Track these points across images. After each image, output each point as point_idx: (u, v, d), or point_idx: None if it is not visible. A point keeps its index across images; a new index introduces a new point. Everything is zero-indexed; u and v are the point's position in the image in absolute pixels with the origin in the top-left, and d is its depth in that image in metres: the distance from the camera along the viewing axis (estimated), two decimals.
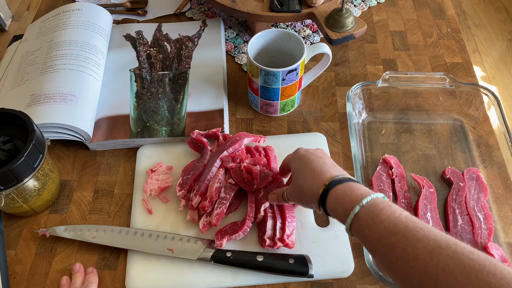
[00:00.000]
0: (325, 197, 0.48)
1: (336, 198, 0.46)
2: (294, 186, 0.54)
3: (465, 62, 0.84)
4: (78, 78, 0.73)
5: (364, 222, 0.43)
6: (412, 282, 0.38)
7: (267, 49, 0.74)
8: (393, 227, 0.41)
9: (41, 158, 0.59)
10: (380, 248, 0.41)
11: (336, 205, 0.46)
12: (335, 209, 0.46)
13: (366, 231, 0.43)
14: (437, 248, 0.38)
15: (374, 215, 0.43)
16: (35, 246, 0.63)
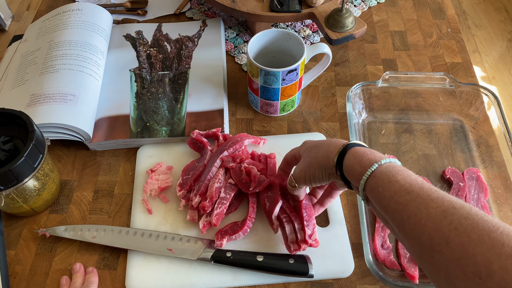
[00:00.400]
0: (343, 157, 0.48)
1: (355, 156, 0.47)
2: (306, 159, 0.54)
3: (465, 62, 0.84)
4: (78, 78, 0.73)
5: (380, 180, 0.43)
6: (422, 240, 0.38)
7: (267, 49, 0.74)
8: (408, 187, 0.41)
9: (41, 158, 0.59)
10: (393, 206, 0.42)
11: (354, 162, 0.46)
12: (352, 167, 0.46)
13: (381, 188, 0.43)
14: (451, 208, 0.38)
15: (390, 174, 0.43)
16: (35, 246, 0.63)
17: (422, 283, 0.57)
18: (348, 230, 0.63)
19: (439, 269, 0.37)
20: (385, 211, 0.43)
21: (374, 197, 0.44)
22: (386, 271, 0.59)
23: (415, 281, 0.57)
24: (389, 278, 0.56)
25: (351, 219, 0.64)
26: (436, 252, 0.37)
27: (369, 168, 0.45)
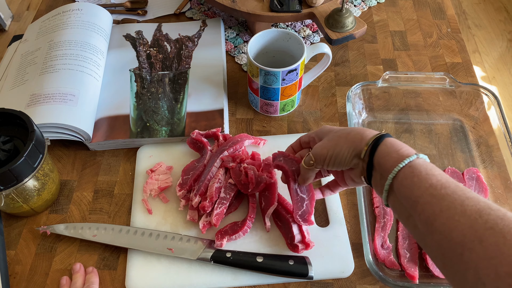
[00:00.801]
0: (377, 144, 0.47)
1: (393, 144, 0.47)
2: (333, 137, 0.52)
3: (465, 62, 0.84)
4: (78, 78, 0.73)
5: (417, 171, 0.43)
6: (453, 236, 0.38)
7: (267, 49, 0.74)
8: (445, 182, 0.41)
9: (41, 158, 0.59)
10: (427, 198, 0.41)
11: (391, 150, 0.46)
12: (388, 153, 0.46)
13: (416, 179, 0.43)
14: (487, 209, 0.37)
15: (428, 168, 0.43)
16: (35, 246, 0.63)
17: (422, 283, 0.57)
18: (348, 230, 0.63)
19: (468, 267, 0.36)
20: (415, 202, 0.42)
21: (406, 186, 0.43)
22: (386, 271, 0.59)
23: (415, 281, 0.57)
24: (389, 278, 0.56)
25: (351, 219, 0.64)
26: (467, 250, 0.36)
27: (407, 157, 0.44)
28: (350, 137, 0.50)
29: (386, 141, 0.47)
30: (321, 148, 0.52)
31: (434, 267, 0.58)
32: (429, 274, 0.58)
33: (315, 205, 0.65)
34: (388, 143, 0.47)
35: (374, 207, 0.64)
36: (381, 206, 0.64)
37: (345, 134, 0.51)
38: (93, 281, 0.58)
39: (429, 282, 0.58)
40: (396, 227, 0.63)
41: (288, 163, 0.58)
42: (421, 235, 0.42)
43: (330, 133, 0.54)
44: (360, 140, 0.49)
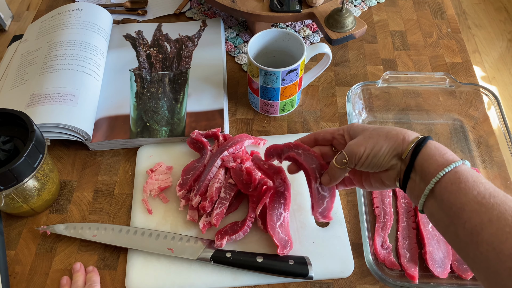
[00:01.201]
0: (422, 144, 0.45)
1: (437, 147, 0.45)
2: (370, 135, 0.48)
3: (465, 62, 0.84)
4: (78, 78, 0.73)
5: (463, 177, 0.41)
6: (503, 249, 0.36)
7: (267, 49, 0.74)
8: (493, 191, 0.39)
9: (41, 158, 0.59)
10: (474, 206, 0.39)
11: (435, 153, 0.44)
12: (433, 156, 0.44)
13: (463, 185, 0.41)
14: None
15: (474, 175, 0.41)
16: (35, 246, 0.63)
17: (422, 283, 0.57)
18: (348, 230, 0.63)
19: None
20: (460, 209, 0.40)
21: (452, 192, 0.41)
22: (386, 271, 0.59)
23: (415, 281, 0.57)
24: (389, 278, 0.56)
25: (351, 219, 0.64)
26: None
27: (453, 162, 0.42)
28: (390, 135, 0.47)
29: (430, 144, 0.45)
30: (357, 146, 0.48)
31: (434, 267, 0.58)
32: (429, 274, 0.58)
33: None
34: (433, 146, 0.45)
35: (374, 207, 0.64)
36: (381, 206, 0.64)
37: (384, 133, 0.48)
38: (94, 280, 0.58)
39: (429, 282, 0.58)
40: (396, 227, 0.63)
41: (307, 160, 0.54)
42: (462, 245, 0.40)
43: (366, 131, 0.50)
44: (402, 140, 0.46)
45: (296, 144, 0.55)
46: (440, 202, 0.42)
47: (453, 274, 0.59)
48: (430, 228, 0.61)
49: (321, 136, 0.55)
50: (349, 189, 0.67)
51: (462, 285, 0.57)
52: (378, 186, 0.51)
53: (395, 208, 0.65)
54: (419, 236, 0.61)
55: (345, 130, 0.52)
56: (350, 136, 0.52)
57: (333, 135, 0.54)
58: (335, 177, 0.52)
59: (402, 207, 0.64)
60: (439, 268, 0.58)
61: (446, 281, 0.58)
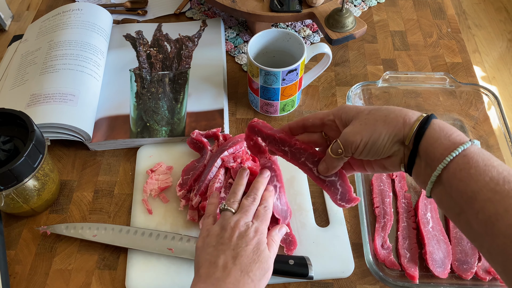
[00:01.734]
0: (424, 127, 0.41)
1: (442, 128, 0.40)
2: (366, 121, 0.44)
3: (465, 62, 0.84)
4: (78, 78, 0.73)
5: (473, 161, 0.37)
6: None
7: (267, 49, 0.74)
8: (508, 176, 0.36)
9: (41, 158, 0.59)
10: (487, 194, 0.36)
11: (440, 135, 0.40)
12: (438, 139, 0.39)
13: (473, 171, 0.37)
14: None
15: (485, 157, 0.37)
16: (35, 246, 0.63)
17: (422, 283, 0.57)
18: (348, 230, 0.63)
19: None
20: (472, 198, 0.37)
21: (461, 179, 0.37)
22: (386, 271, 0.59)
23: (415, 281, 0.57)
24: (389, 278, 0.56)
25: (351, 219, 0.64)
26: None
27: (460, 144, 0.38)
28: (389, 119, 0.43)
29: (434, 124, 0.40)
30: (353, 135, 0.44)
31: (434, 267, 0.58)
32: (429, 274, 0.58)
33: (315, 205, 0.65)
34: (437, 126, 0.40)
35: (374, 207, 0.64)
36: (381, 206, 0.64)
37: (382, 117, 0.43)
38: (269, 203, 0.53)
39: (429, 282, 0.57)
40: (396, 227, 0.63)
41: (295, 156, 0.51)
42: (476, 236, 0.37)
43: (360, 115, 0.45)
44: (402, 123, 0.42)
45: (282, 138, 0.51)
46: (449, 190, 0.39)
47: (453, 274, 0.59)
48: (430, 228, 0.61)
49: (310, 122, 0.50)
50: None
51: (462, 285, 0.57)
52: (380, 170, 0.48)
53: (395, 208, 0.65)
54: (419, 236, 0.61)
55: (335, 114, 0.48)
56: (342, 121, 0.47)
57: (323, 120, 0.49)
58: (332, 166, 0.48)
59: (402, 207, 0.64)
60: (439, 268, 0.58)
61: (446, 281, 0.58)
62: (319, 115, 0.50)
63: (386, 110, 0.44)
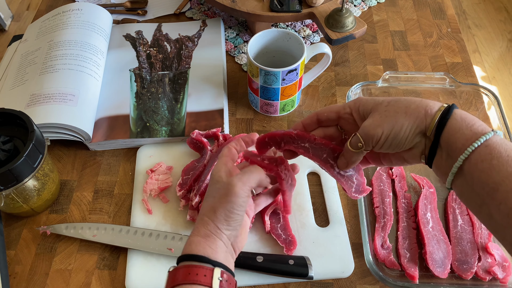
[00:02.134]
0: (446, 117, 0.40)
1: (464, 118, 0.40)
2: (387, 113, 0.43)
3: (465, 62, 0.84)
4: (78, 78, 0.73)
5: (496, 152, 0.37)
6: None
7: (267, 49, 0.74)
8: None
9: (41, 158, 0.59)
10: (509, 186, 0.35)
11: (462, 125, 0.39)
12: (459, 129, 0.39)
13: (495, 161, 0.36)
14: None
15: (508, 147, 0.37)
16: (35, 246, 0.63)
17: (422, 283, 0.57)
18: (348, 230, 0.63)
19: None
20: (494, 189, 0.36)
21: (483, 170, 0.37)
22: (386, 271, 0.59)
23: (415, 281, 0.57)
24: (389, 278, 0.56)
25: (351, 219, 0.64)
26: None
27: (482, 134, 0.38)
28: (410, 111, 0.42)
29: (456, 114, 0.40)
30: (374, 128, 0.43)
31: (434, 267, 0.58)
32: (429, 274, 0.58)
33: (315, 205, 0.65)
34: (458, 116, 0.40)
35: (374, 207, 0.64)
36: (381, 206, 0.64)
37: (403, 108, 0.42)
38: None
39: (429, 282, 0.57)
40: (396, 227, 0.63)
41: (317, 153, 0.49)
42: (498, 227, 0.37)
43: (379, 106, 0.44)
44: (424, 114, 0.41)
45: (299, 134, 0.49)
46: (470, 181, 0.38)
47: (453, 274, 0.59)
48: (430, 228, 0.61)
49: (325, 116, 0.49)
50: None
51: (462, 285, 0.57)
52: (399, 163, 0.47)
53: (395, 208, 0.65)
54: (419, 236, 0.61)
55: (353, 107, 0.47)
56: (359, 114, 0.46)
57: (339, 114, 0.48)
58: (351, 161, 0.47)
59: (402, 207, 0.64)
60: (439, 268, 0.58)
61: (446, 281, 0.58)
62: (334, 109, 0.49)
63: (406, 101, 0.43)
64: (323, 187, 0.66)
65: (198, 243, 0.46)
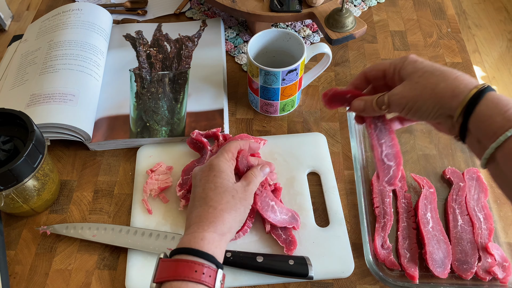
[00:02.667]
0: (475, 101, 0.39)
1: (496, 103, 0.38)
2: (416, 86, 0.43)
3: (465, 62, 0.84)
4: (78, 78, 0.73)
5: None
6: None
7: (267, 49, 0.74)
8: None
9: (41, 158, 0.59)
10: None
11: (494, 111, 0.37)
12: (490, 117, 0.37)
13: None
14: None
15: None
16: (35, 246, 0.63)
17: (422, 283, 0.57)
18: (348, 230, 0.63)
19: None
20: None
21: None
22: (386, 271, 0.59)
23: (415, 281, 0.57)
24: (389, 278, 0.56)
25: (351, 219, 0.64)
26: None
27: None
28: (437, 90, 0.41)
29: (488, 98, 0.38)
30: (400, 97, 0.44)
31: (434, 267, 0.58)
32: (429, 274, 0.58)
33: (315, 205, 0.65)
34: (490, 101, 0.38)
35: (374, 207, 0.64)
36: (381, 206, 0.64)
37: (432, 85, 0.41)
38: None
39: (429, 282, 0.58)
40: (396, 227, 0.63)
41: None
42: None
43: (413, 76, 0.43)
44: (451, 97, 0.40)
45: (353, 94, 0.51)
46: (504, 167, 0.37)
47: (453, 274, 0.59)
48: (430, 228, 0.61)
49: (372, 74, 0.50)
50: (349, 189, 0.67)
51: (462, 285, 0.57)
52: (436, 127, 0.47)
53: (395, 208, 0.65)
54: (419, 236, 0.61)
55: (397, 67, 0.46)
56: (399, 76, 0.46)
57: (385, 72, 0.48)
58: (368, 112, 0.48)
59: (402, 207, 0.64)
60: (439, 268, 0.58)
61: (446, 281, 0.58)
62: (380, 67, 0.49)
63: (438, 77, 0.42)
64: (323, 187, 0.66)
65: (212, 242, 0.45)
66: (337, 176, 0.68)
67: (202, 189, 0.50)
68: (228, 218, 0.47)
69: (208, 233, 0.46)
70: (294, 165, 0.68)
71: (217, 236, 0.46)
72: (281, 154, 0.69)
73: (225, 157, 0.51)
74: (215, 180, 0.49)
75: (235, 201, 0.49)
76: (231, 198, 0.49)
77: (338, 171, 0.69)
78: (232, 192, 0.49)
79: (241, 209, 0.49)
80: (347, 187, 0.67)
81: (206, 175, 0.50)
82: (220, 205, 0.48)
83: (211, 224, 0.47)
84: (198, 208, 0.48)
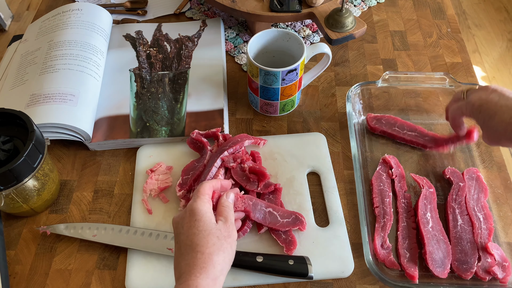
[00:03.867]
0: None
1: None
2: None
3: (465, 62, 0.84)
4: (78, 78, 0.73)
5: None
6: None
7: (267, 49, 0.74)
8: None
9: (41, 158, 0.59)
10: None
11: None
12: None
13: None
14: None
15: None
16: (35, 246, 0.63)
17: (422, 283, 0.57)
18: (348, 230, 0.63)
19: None
20: None
21: None
22: (386, 271, 0.59)
23: (415, 281, 0.57)
24: (389, 278, 0.56)
25: (351, 219, 0.64)
26: None
27: None
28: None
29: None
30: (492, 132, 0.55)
31: (434, 267, 0.58)
32: (429, 274, 0.58)
33: (315, 205, 0.65)
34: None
35: (374, 207, 0.64)
36: (381, 206, 0.64)
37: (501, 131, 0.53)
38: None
39: (429, 282, 0.58)
40: (396, 227, 0.63)
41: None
42: None
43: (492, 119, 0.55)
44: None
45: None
46: None
47: (453, 274, 0.59)
48: (430, 228, 0.61)
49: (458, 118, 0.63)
50: (349, 189, 0.67)
51: (462, 285, 0.57)
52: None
53: (395, 208, 0.65)
54: (419, 236, 0.61)
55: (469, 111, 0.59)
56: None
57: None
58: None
59: (402, 207, 0.64)
60: (439, 268, 0.58)
61: (446, 281, 0.58)
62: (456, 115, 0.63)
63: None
64: (323, 187, 0.66)
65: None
66: (337, 176, 0.68)
67: (186, 236, 0.50)
68: (218, 260, 0.48)
69: (201, 279, 0.46)
70: (294, 165, 0.68)
71: (210, 281, 0.46)
72: (281, 154, 0.69)
73: (202, 200, 0.52)
74: (197, 224, 0.50)
75: (221, 242, 0.50)
76: (216, 239, 0.49)
77: (338, 171, 0.69)
78: (216, 233, 0.50)
79: (228, 248, 0.50)
80: (347, 187, 0.67)
81: (188, 221, 0.50)
82: (207, 249, 0.48)
83: (203, 270, 0.47)
84: (186, 256, 0.48)
